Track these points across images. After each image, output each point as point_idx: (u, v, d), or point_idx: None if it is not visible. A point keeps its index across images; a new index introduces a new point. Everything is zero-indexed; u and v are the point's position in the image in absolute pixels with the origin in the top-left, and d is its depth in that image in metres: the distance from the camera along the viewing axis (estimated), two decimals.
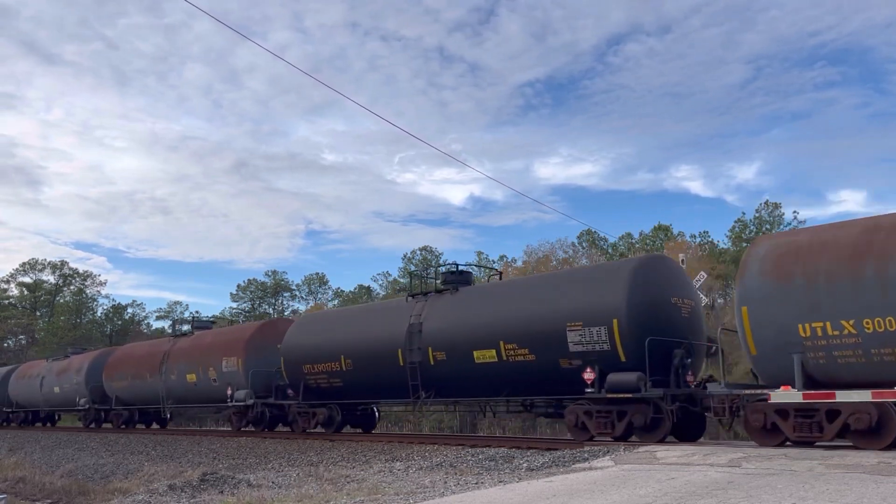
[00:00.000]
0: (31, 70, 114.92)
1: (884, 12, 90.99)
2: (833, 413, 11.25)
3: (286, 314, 71.59)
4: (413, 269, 21.77)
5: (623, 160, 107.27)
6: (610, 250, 57.18)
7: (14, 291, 78.27)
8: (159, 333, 70.61)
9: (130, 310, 79.58)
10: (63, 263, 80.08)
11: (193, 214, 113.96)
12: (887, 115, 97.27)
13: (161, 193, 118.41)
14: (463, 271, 19.23)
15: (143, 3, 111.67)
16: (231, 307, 77.29)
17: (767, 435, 11.98)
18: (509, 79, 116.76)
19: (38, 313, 77.75)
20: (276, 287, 78.21)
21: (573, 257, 53.57)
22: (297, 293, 79.30)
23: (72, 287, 78.88)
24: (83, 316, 76.80)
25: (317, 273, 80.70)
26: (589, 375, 14.05)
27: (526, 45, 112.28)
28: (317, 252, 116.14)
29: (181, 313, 79.06)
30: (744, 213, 63.09)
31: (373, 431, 22.50)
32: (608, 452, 11.82)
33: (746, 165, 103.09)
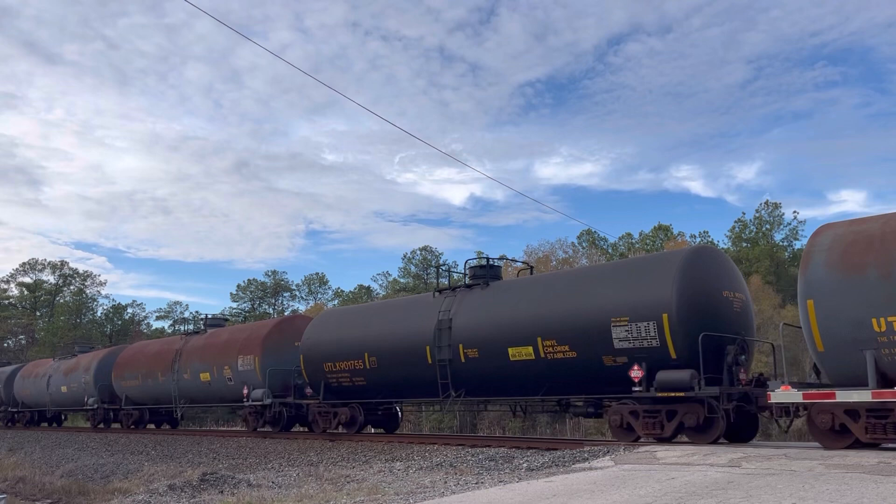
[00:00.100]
0: (32, 70, 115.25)
1: (885, 12, 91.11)
2: None
3: (286, 314, 71.53)
4: (441, 265, 19.93)
5: (624, 160, 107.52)
6: (610, 250, 57.21)
7: (14, 291, 78.46)
8: (159, 333, 70.60)
9: (130, 310, 79.73)
10: (63, 263, 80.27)
11: (194, 214, 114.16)
12: (888, 115, 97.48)
13: (161, 193, 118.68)
14: (492, 265, 18.43)
15: (144, 3, 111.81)
16: (231, 307, 77.33)
17: (835, 437, 11.33)
18: (510, 79, 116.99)
19: (38, 313, 77.76)
20: (276, 287, 78.24)
21: (573, 257, 53.57)
22: (297, 293, 79.41)
23: (72, 287, 78.95)
24: (83, 316, 76.79)
25: (317, 273, 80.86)
26: (636, 373, 13.33)
27: (527, 45, 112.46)
28: (317, 252, 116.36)
29: (181, 313, 79.17)
30: (744, 213, 63.26)
31: (395, 432, 21.62)
32: (608, 452, 11.84)
33: (747, 165, 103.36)
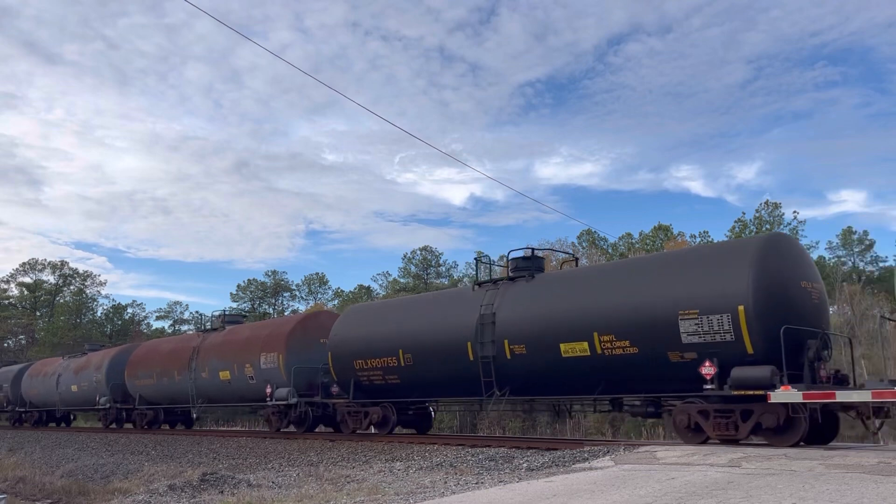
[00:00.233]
0: (32, 70, 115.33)
1: (885, 12, 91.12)
2: None
3: (286, 314, 71.54)
4: (480, 257, 19.48)
5: (624, 160, 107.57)
6: (610, 250, 57.21)
7: (14, 291, 78.45)
8: (159, 333, 70.59)
9: (130, 310, 79.70)
10: (63, 263, 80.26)
11: (194, 214, 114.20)
12: (888, 115, 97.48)
13: (162, 193, 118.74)
14: (537, 256, 17.36)
15: (144, 3, 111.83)
16: (231, 307, 77.30)
17: None
18: (510, 79, 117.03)
19: (38, 313, 77.76)
20: (276, 287, 78.19)
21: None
22: (297, 293, 79.37)
23: (72, 287, 78.95)
24: (83, 316, 76.77)
25: (317, 273, 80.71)
26: (708, 370, 12.53)
27: (527, 45, 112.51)
28: (317, 252, 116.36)
29: (181, 313, 79.19)
30: (744, 214, 63.17)
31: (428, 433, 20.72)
32: (608, 452, 11.85)
33: (747, 165, 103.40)
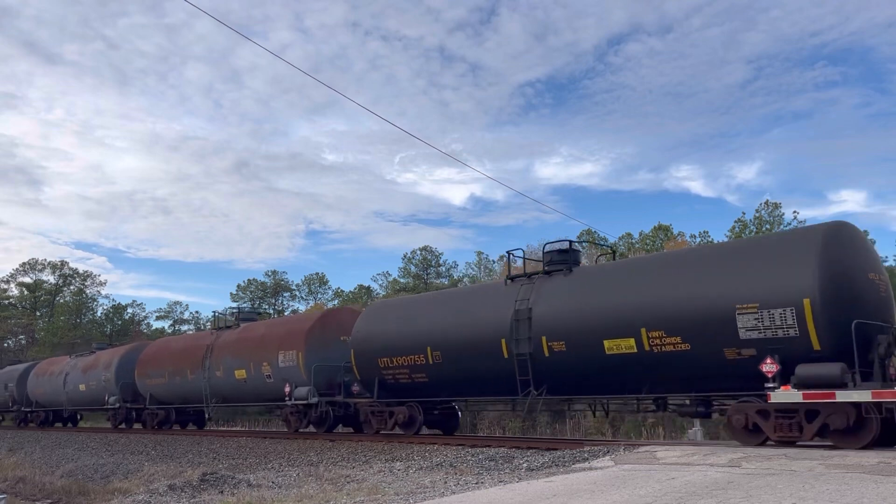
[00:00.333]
0: (32, 70, 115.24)
1: (885, 12, 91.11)
2: None
3: (286, 314, 71.56)
4: (514, 250, 18.82)
5: (624, 160, 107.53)
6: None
7: (14, 291, 78.37)
8: (159, 333, 70.56)
9: (130, 310, 79.62)
10: (63, 263, 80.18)
11: (194, 214, 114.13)
12: (888, 115, 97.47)
13: (162, 193, 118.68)
14: (573, 249, 16.68)
15: (144, 3, 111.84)
16: (231, 307, 77.29)
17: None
18: (510, 79, 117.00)
19: (38, 313, 77.74)
20: (276, 287, 78.19)
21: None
22: (297, 293, 79.37)
23: (72, 287, 78.90)
24: (83, 316, 76.75)
25: (317, 273, 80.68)
26: (769, 367, 11.84)
27: (527, 45, 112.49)
28: (317, 252, 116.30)
29: (181, 313, 79.17)
30: (744, 213, 63.10)
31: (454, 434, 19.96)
32: (608, 452, 11.86)
33: (747, 165, 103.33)
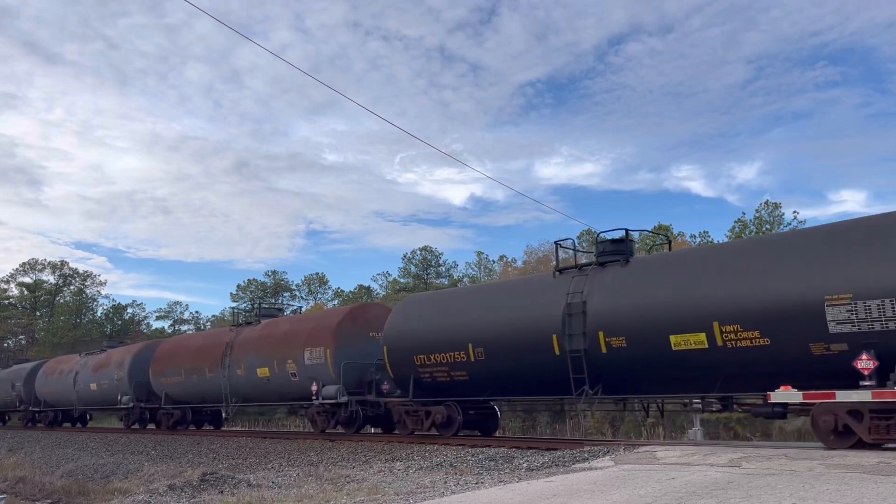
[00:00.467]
0: (32, 70, 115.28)
1: (885, 12, 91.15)
2: None
3: (286, 314, 71.53)
4: (563, 240, 18.13)
5: (624, 160, 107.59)
6: None
7: (14, 291, 78.44)
8: (159, 333, 70.55)
9: (130, 310, 79.71)
10: (63, 263, 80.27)
11: (194, 214, 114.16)
12: (888, 115, 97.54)
13: (162, 193, 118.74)
14: (629, 239, 15.87)
15: (144, 3, 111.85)
16: (231, 307, 77.35)
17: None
18: (510, 78, 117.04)
19: (38, 313, 77.76)
20: (276, 287, 78.23)
21: (573, 257, 53.49)
22: (297, 293, 79.41)
23: (72, 287, 78.95)
24: (83, 316, 76.79)
25: (317, 273, 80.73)
26: (865, 364, 10.82)
27: (527, 45, 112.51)
28: (317, 252, 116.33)
29: (181, 313, 79.21)
30: (744, 213, 63.12)
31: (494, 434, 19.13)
32: (608, 452, 11.86)
33: (747, 165, 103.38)
